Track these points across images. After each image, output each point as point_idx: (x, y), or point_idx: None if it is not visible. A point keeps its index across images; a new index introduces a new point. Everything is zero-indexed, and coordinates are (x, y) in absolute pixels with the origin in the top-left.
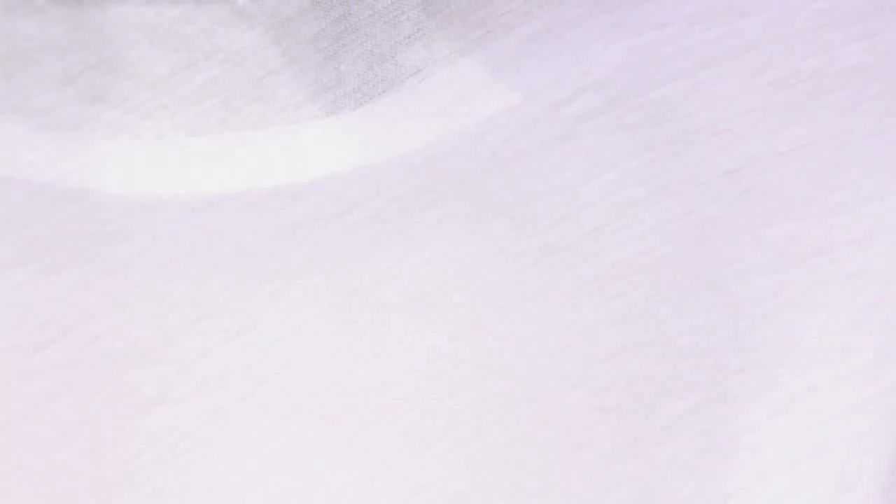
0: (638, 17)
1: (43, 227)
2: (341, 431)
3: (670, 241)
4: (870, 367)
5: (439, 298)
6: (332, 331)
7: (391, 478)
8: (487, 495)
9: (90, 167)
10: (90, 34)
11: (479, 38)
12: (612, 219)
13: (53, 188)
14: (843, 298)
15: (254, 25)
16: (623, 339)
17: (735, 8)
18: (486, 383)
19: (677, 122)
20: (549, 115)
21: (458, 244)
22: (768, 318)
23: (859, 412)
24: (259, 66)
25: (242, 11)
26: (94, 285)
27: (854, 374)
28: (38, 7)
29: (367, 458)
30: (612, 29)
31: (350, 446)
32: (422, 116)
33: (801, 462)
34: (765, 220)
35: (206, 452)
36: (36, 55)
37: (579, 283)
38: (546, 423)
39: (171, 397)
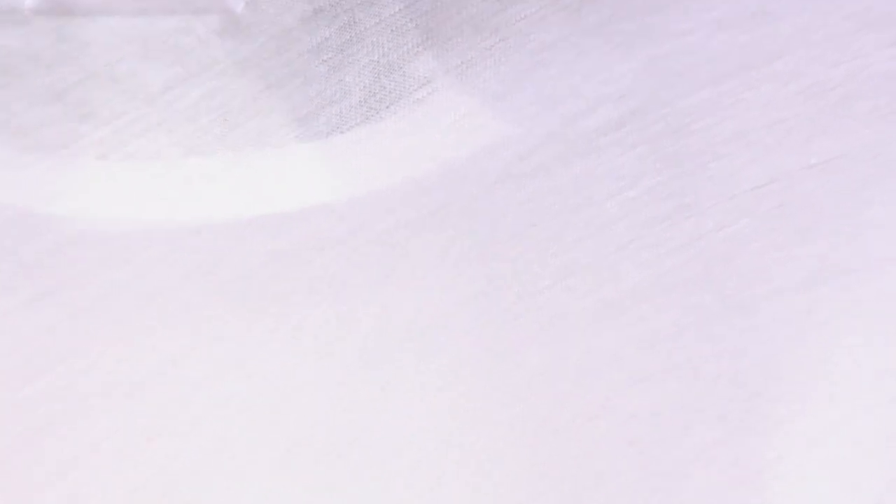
0: (660, 23)
1: (31, 252)
2: (348, 466)
3: (697, 261)
4: None
5: (450, 325)
6: (336, 360)
7: None
8: None
9: (80, 189)
10: (79, 47)
11: (491, 48)
12: (635, 237)
13: (42, 211)
14: (880, 320)
15: (253, 36)
16: (647, 365)
17: (762, 13)
18: (502, 414)
19: (703, 135)
20: (566, 129)
21: (470, 267)
22: (801, 342)
23: None
24: (259, 78)
25: (241, 21)
26: (86, 313)
27: (893, 401)
28: (22, 18)
29: (376, 494)
30: (632, 36)
31: (357, 482)
32: (432, 131)
33: (837, 497)
34: (796, 237)
35: (205, 489)
36: (21, 69)
37: (600, 306)
38: (566, 455)
39: (168, 430)
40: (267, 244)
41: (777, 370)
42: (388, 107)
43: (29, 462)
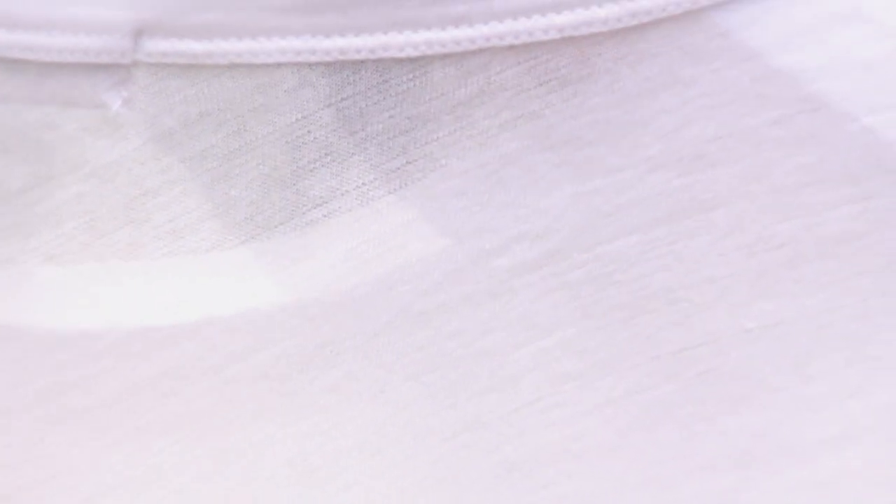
0: (587, 157)
1: None
2: None
3: (611, 426)
4: None
5: (333, 475)
6: (203, 500)
7: None
8: None
9: None
10: None
11: (398, 170)
12: (544, 394)
13: None
14: None
15: (129, 136)
16: None
17: (702, 156)
18: None
19: (627, 286)
20: (475, 266)
21: (360, 412)
22: None
23: None
24: (132, 184)
25: (116, 119)
26: None
27: None
28: None
29: None
30: (555, 170)
31: None
32: (325, 257)
33: None
34: (725, 408)
35: None
36: None
37: (501, 467)
38: None
39: None
40: (129, 368)
41: None
42: (276, 226)
43: None
